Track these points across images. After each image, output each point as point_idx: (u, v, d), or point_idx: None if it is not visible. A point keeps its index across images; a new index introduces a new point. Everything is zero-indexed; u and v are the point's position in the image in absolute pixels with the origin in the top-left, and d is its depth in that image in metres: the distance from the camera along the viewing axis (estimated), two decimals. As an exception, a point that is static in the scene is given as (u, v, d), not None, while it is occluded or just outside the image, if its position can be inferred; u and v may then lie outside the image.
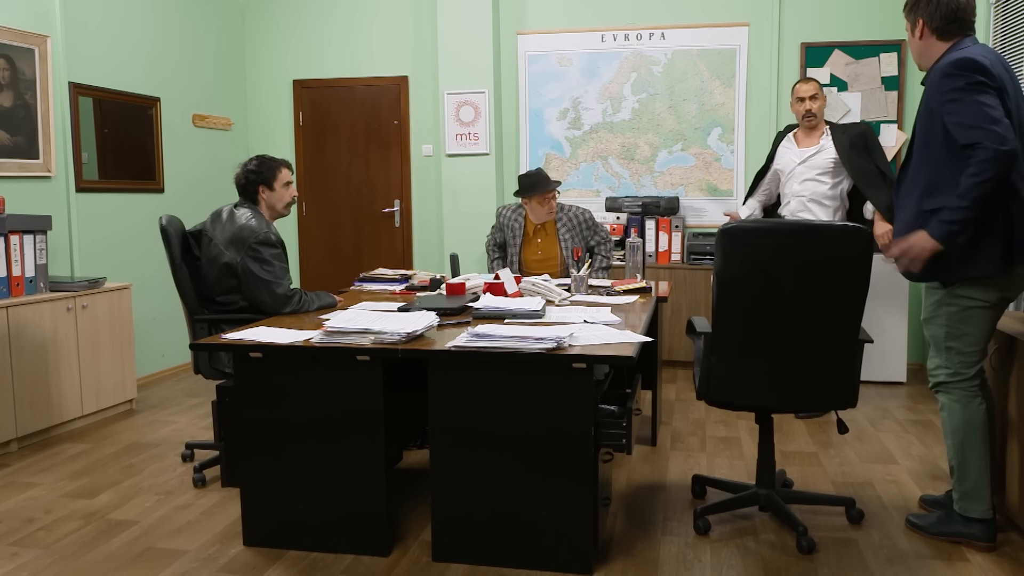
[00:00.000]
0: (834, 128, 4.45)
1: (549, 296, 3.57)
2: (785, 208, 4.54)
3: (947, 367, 2.80)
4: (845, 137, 4.36)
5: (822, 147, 4.40)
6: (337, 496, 2.81)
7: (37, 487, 3.53)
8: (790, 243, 2.66)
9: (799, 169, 4.44)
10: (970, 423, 2.77)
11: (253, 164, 3.61)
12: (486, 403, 2.65)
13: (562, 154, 6.12)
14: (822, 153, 4.39)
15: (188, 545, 2.93)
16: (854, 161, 4.30)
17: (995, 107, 2.52)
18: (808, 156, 4.42)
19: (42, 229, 4.23)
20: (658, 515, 3.15)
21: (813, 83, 4.44)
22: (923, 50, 2.81)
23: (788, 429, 4.25)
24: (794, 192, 4.45)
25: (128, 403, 4.78)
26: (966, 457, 2.79)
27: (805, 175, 4.41)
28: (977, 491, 2.79)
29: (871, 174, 4.28)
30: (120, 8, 5.22)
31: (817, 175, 4.39)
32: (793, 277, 2.68)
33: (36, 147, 4.57)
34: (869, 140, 4.35)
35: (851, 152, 4.31)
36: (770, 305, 2.73)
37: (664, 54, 5.90)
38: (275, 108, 6.58)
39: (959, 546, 2.84)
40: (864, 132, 4.38)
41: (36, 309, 4.09)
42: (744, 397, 2.89)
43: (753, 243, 2.69)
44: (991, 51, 2.68)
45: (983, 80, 2.54)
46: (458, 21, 5.90)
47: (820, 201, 4.38)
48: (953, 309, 2.74)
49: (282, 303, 3.39)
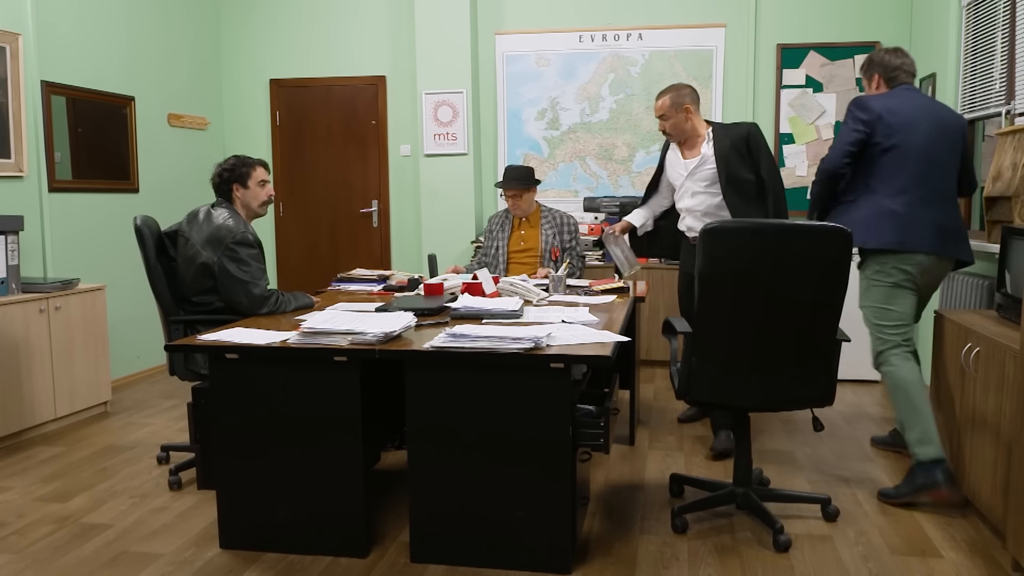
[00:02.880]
0: (717, 131, 3.86)
1: (527, 296, 3.57)
2: (682, 224, 4.00)
3: (880, 342, 3.39)
4: (726, 141, 3.79)
5: (704, 157, 3.83)
6: (314, 497, 2.79)
7: (9, 491, 3.48)
8: (771, 243, 2.68)
9: (687, 183, 3.90)
10: (910, 378, 3.30)
11: (228, 163, 3.59)
12: (464, 403, 2.65)
13: (540, 154, 6.13)
14: (705, 163, 3.82)
15: (164, 548, 2.90)
16: (731, 169, 3.74)
17: (849, 137, 3.31)
18: (692, 168, 3.86)
19: (14, 229, 4.17)
20: (636, 514, 3.16)
21: (663, 99, 3.85)
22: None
23: (764, 428, 4.28)
24: (687, 207, 3.92)
25: (102, 405, 4.73)
26: (914, 405, 3.24)
27: (694, 188, 3.87)
28: (927, 434, 3.18)
29: (745, 184, 3.74)
30: (93, 5, 5.16)
31: (706, 187, 3.84)
32: (774, 277, 2.70)
33: (8, 146, 4.51)
34: (752, 142, 3.75)
35: (730, 157, 3.75)
36: (751, 305, 2.74)
37: (641, 55, 5.92)
38: (252, 107, 6.53)
39: (933, 543, 2.88)
40: (747, 134, 3.77)
41: (8, 311, 4.03)
42: (723, 396, 2.91)
43: (735, 243, 2.70)
44: (909, 100, 3.36)
45: (860, 116, 3.31)
46: (436, 21, 5.89)
47: (715, 214, 3.78)
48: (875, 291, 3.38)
49: (259, 304, 3.36)
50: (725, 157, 3.75)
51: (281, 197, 6.54)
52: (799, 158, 5.78)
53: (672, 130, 3.88)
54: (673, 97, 3.83)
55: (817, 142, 5.75)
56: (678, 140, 3.92)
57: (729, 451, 3.76)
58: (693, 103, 3.85)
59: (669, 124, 3.86)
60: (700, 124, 3.88)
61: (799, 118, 5.76)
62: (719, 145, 3.79)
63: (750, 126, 3.80)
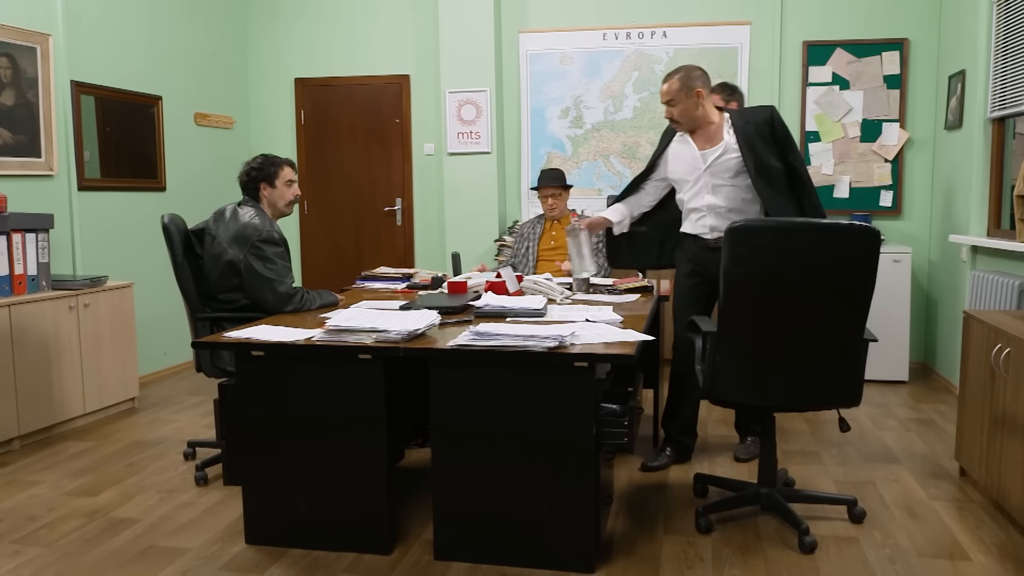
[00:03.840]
0: (735, 117, 3.50)
1: (550, 295, 3.56)
2: (696, 225, 3.56)
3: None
4: (750, 127, 3.42)
5: (726, 145, 3.45)
6: (339, 494, 2.81)
7: (39, 485, 3.54)
8: (798, 241, 2.65)
9: (705, 178, 3.48)
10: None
11: (256, 161, 3.62)
12: (488, 401, 2.65)
13: (564, 153, 6.11)
14: (728, 153, 3.44)
15: (190, 543, 2.93)
16: (759, 156, 3.39)
17: None
18: (713, 160, 3.46)
19: (44, 227, 4.23)
20: (660, 514, 3.15)
21: (670, 81, 3.47)
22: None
23: (789, 428, 4.25)
24: (709, 205, 3.49)
25: (130, 401, 4.78)
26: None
27: (715, 182, 3.47)
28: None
29: (775, 173, 3.40)
30: (121, 6, 5.22)
31: (731, 180, 3.45)
32: (801, 276, 2.67)
33: (38, 145, 4.57)
34: (777, 126, 3.41)
35: (755, 143, 3.39)
36: (777, 304, 2.72)
37: (666, 52, 5.89)
38: (276, 106, 6.58)
39: (961, 546, 2.84)
40: (771, 118, 3.42)
41: (38, 307, 4.09)
42: (749, 396, 2.89)
43: (761, 242, 2.68)
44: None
45: None
46: (460, 20, 5.90)
47: (742, 210, 3.46)
48: None
49: (284, 301, 3.39)
50: (750, 143, 3.38)
51: (306, 195, 6.58)
52: (825, 156, 5.73)
53: (680, 117, 3.46)
54: (683, 79, 3.43)
55: (844, 140, 5.69)
56: (687, 128, 3.51)
57: (752, 459, 3.72)
58: (705, 86, 3.45)
59: (678, 110, 3.45)
60: (712, 111, 3.49)
61: (825, 116, 5.71)
62: (742, 131, 3.41)
63: (771, 109, 3.46)
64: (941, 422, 4.34)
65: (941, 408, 4.62)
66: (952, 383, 5.00)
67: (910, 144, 5.64)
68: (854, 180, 5.71)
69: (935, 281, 5.51)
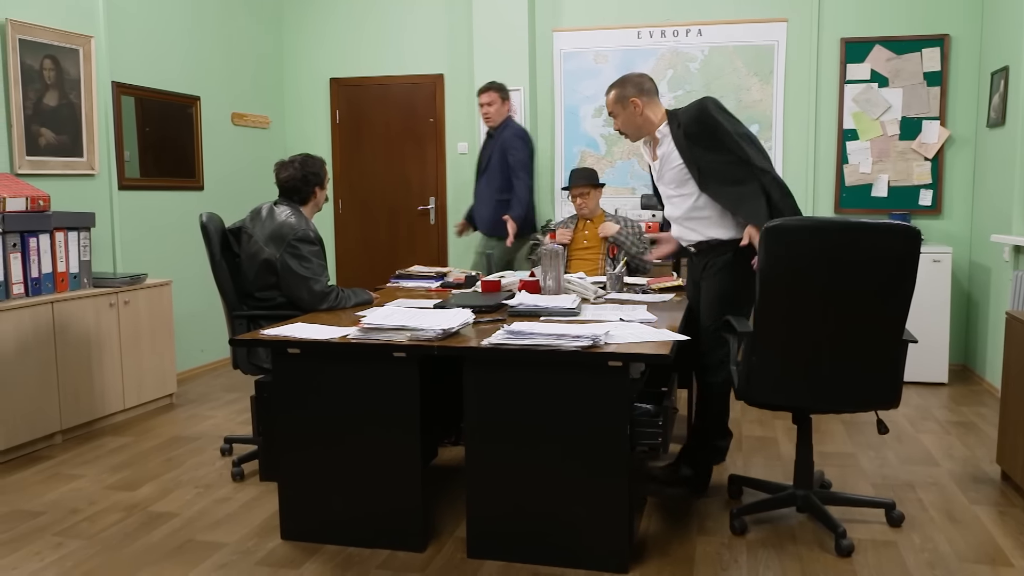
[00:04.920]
0: (671, 120, 3.30)
1: (584, 294, 3.56)
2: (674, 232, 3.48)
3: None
4: (679, 129, 3.24)
5: (664, 155, 3.31)
6: (373, 492, 2.83)
7: (81, 479, 3.60)
8: (836, 241, 2.62)
9: (661, 188, 3.43)
10: None
11: (315, 165, 3.65)
12: (521, 400, 2.66)
13: (597, 151, 6.10)
14: (668, 162, 3.30)
15: (227, 538, 2.97)
16: (699, 157, 3.20)
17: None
18: (658, 172, 3.38)
19: (86, 226, 4.31)
20: (694, 515, 3.13)
21: (608, 96, 3.36)
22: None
23: (826, 430, 4.20)
24: (671, 216, 3.42)
25: (168, 397, 4.86)
26: None
27: (667, 192, 3.38)
28: None
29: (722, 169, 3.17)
30: (161, 8, 5.30)
31: (677, 189, 3.31)
32: (839, 275, 2.64)
33: (80, 145, 4.66)
34: (704, 118, 3.18)
35: (690, 144, 3.21)
36: (814, 304, 2.69)
37: (701, 51, 5.85)
38: (312, 106, 6.64)
39: (1003, 551, 2.79)
40: (697, 111, 3.21)
41: (80, 304, 4.17)
42: (786, 397, 2.86)
43: (798, 241, 2.64)
44: None
45: None
46: (494, 19, 5.91)
47: (698, 217, 3.29)
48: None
49: (319, 299, 3.42)
50: (686, 145, 3.21)
51: (340, 195, 6.63)
52: (863, 155, 5.65)
53: (625, 128, 3.36)
54: (618, 92, 3.32)
55: (883, 138, 5.61)
56: (635, 139, 3.40)
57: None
58: (640, 94, 3.29)
59: (619, 122, 3.37)
60: (654, 119, 3.32)
61: (864, 113, 5.63)
62: (676, 137, 3.25)
63: (698, 103, 3.22)
64: (982, 425, 4.26)
65: (982, 411, 4.54)
66: (993, 386, 4.91)
67: (951, 142, 5.54)
68: (893, 179, 5.62)
69: (976, 282, 5.41)
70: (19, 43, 4.21)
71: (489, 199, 5.30)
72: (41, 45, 4.36)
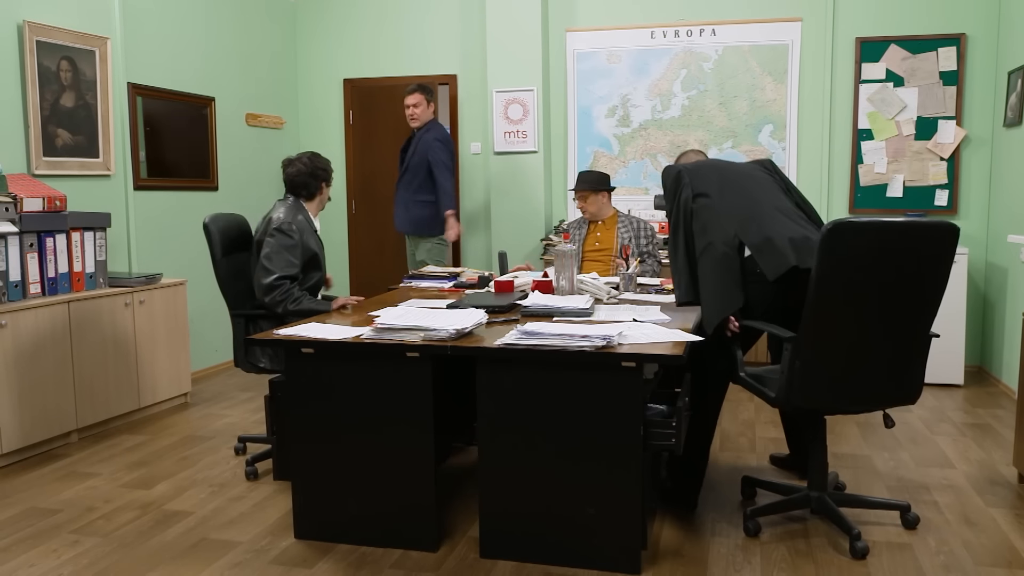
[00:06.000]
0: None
1: (597, 294, 3.55)
2: None
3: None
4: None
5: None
6: (386, 491, 2.83)
7: (96, 477, 3.63)
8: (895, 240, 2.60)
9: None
10: None
11: (321, 162, 3.76)
12: (535, 401, 2.66)
13: (610, 152, 6.09)
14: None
15: (241, 536, 2.99)
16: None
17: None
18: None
19: (101, 226, 4.34)
20: (707, 516, 3.12)
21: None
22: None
23: (840, 431, 4.18)
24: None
25: (183, 396, 4.89)
26: None
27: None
28: None
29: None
30: (176, 10, 5.33)
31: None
32: (890, 276, 2.62)
33: (96, 146, 4.69)
34: (661, 205, 3.49)
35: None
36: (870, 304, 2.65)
37: (714, 50, 5.83)
38: (325, 107, 6.66)
39: (1021, 555, 2.77)
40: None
41: (96, 304, 4.20)
42: (829, 400, 2.81)
43: (861, 242, 2.58)
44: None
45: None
46: (507, 19, 5.91)
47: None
48: None
49: (265, 291, 3.48)
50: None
51: (354, 195, 6.65)
52: (878, 155, 5.62)
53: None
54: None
55: (898, 138, 5.57)
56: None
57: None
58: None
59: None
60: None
61: (879, 113, 5.60)
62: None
63: (665, 170, 3.32)
64: (998, 427, 4.23)
65: (998, 413, 4.50)
66: (1010, 387, 4.87)
67: (967, 142, 5.50)
68: (908, 179, 5.59)
69: (992, 282, 5.37)
70: (36, 44, 4.25)
71: (407, 199, 5.39)
72: (58, 47, 4.39)
